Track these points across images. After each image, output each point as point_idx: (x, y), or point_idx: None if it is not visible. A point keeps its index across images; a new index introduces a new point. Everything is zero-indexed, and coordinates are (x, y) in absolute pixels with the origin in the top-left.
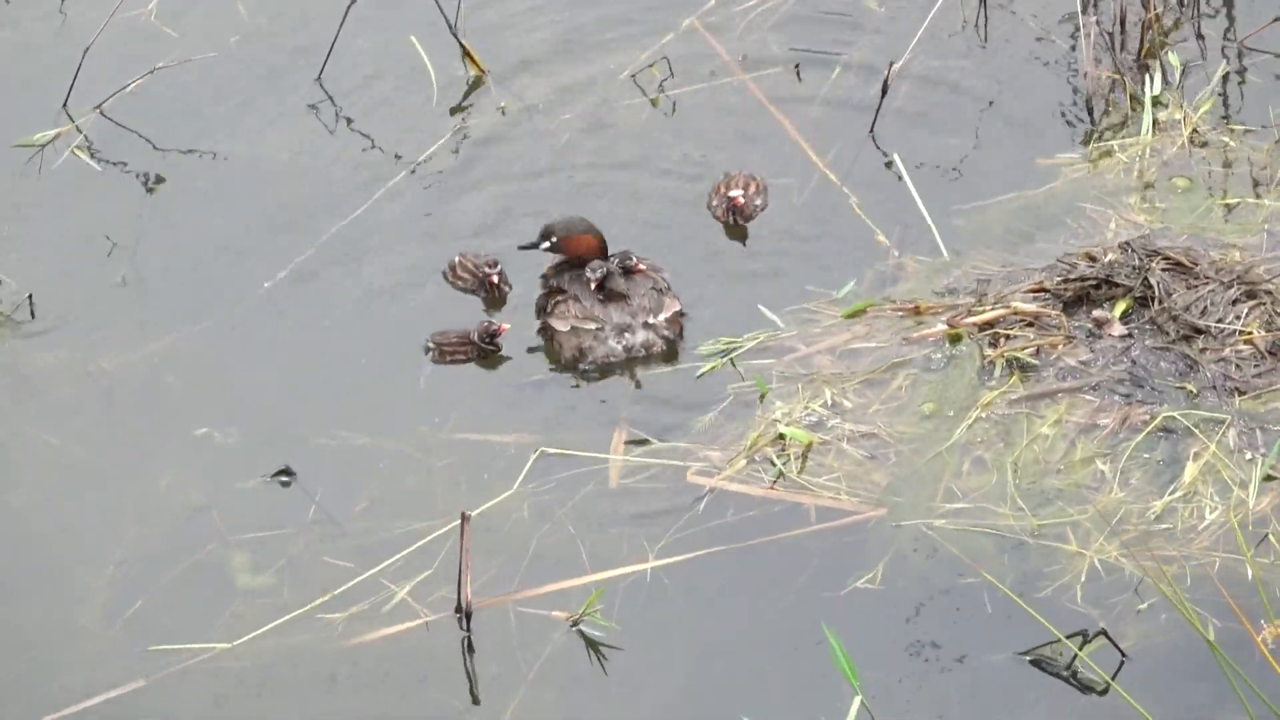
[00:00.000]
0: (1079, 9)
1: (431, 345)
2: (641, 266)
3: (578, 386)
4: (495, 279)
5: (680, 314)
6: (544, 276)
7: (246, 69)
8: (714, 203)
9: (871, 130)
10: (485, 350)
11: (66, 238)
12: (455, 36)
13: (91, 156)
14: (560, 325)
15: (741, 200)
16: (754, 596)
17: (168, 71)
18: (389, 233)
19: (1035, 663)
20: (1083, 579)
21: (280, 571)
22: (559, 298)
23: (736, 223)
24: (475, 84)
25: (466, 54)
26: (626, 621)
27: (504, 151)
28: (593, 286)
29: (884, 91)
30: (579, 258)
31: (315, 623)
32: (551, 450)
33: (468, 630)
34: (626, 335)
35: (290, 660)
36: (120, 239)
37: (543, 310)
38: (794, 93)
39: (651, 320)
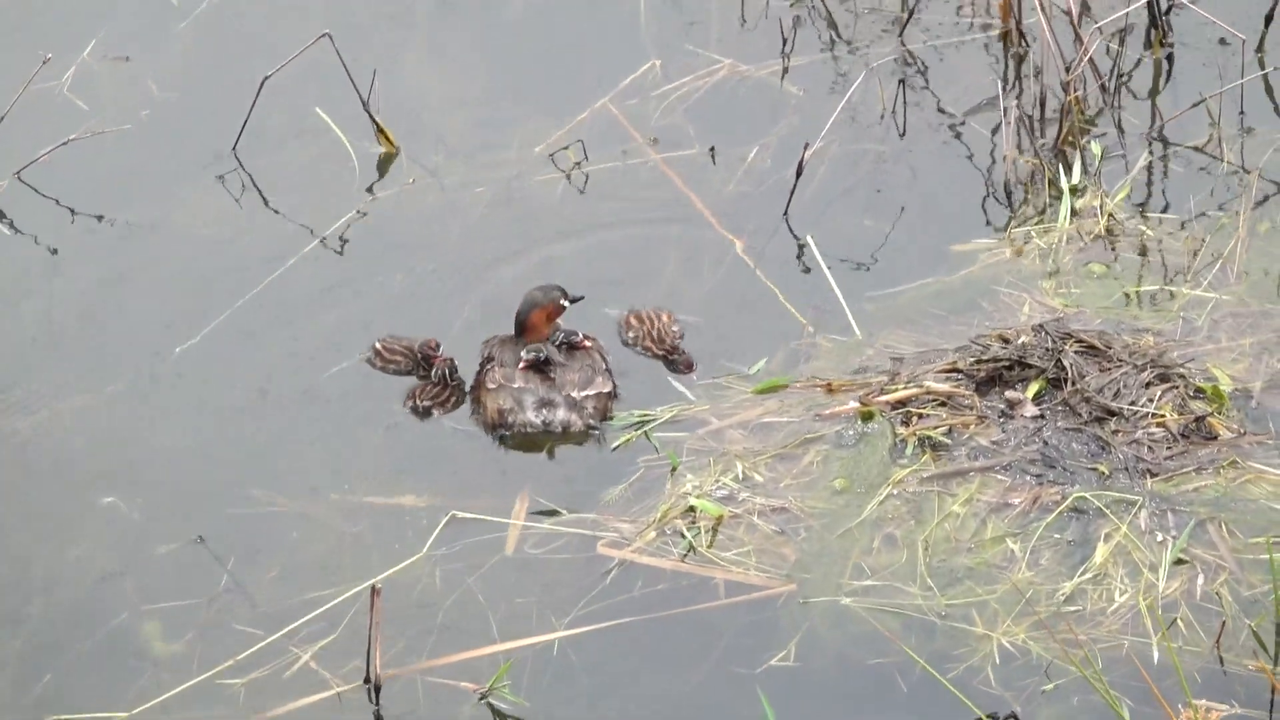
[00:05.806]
0: (999, 92)
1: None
2: (586, 344)
3: (494, 453)
4: (444, 362)
5: (610, 396)
6: (485, 342)
7: (159, 142)
8: (629, 336)
9: (786, 212)
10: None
11: None
12: (368, 112)
13: (1, 219)
14: (489, 386)
15: (690, 367)
16: (662, 673)
17: (79, 142)
18: (298, 303)
19: None
20: (996, 660)
21: (191, 642)
22: (489, 364)
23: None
24: (387, 159)
25: (379, 130)
26: (534, 696)
27: (414, 224)
28: (520, 366)
29: (799, 173)
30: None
31: (223, 692)
32: (462, 514)
33: (376, 704)
34: (546, 410)
35: None
36: (31, 302)
37: (476, 383)
38: (709, 174)
39: (575, 395)
